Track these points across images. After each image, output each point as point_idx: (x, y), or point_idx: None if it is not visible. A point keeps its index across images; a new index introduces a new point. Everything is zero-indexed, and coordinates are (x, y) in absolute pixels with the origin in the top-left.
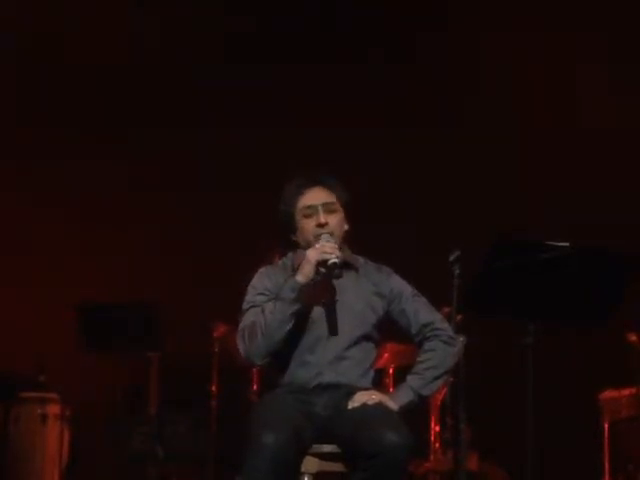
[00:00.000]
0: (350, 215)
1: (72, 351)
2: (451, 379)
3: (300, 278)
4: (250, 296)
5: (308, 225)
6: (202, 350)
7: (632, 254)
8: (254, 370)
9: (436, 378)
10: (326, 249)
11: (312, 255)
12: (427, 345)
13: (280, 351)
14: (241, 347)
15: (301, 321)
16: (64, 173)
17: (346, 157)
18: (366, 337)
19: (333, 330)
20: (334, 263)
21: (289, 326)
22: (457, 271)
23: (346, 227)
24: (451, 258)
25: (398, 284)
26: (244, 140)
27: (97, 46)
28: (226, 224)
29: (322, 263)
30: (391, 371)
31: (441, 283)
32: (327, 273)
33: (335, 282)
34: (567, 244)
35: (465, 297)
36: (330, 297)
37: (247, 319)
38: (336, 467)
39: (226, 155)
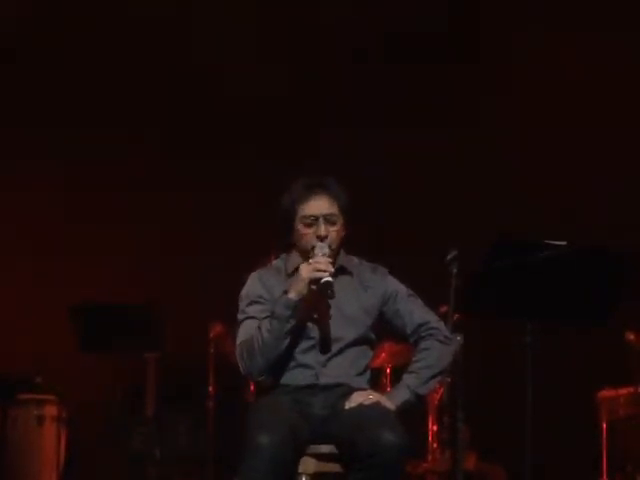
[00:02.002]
0: (349, 218)
1: (71, 351)
2: (449, 379)
3: (293, 295)
4: (244, 306)
5: (307, 235)
6: (201, 350)
7: (631, 254)
8: None
9: (432, 377)
10: (320, 266)
11: (305, 272)
12: (423, 344)
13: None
14: (240, 365)
15: (297, 331)
16: (64, 173)
17: (345, 156)
18: (361, 339)
19: (326, 348)
20: (327, 282)
21: (286, 342)
22: (454, 271)
23: (343, 233)
24: (448, 258)
25: (393, 284)
26: (244, 140)
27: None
28: (225, 224)
29: (315, 281)
30: (388, 371)
31: (439, 283)
32: (320, 291)
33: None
34: (565, 243)
35: (464, 297)
36: (323, 314)
37: (243, 333)
38: (334, 468)
39: (226, 155)
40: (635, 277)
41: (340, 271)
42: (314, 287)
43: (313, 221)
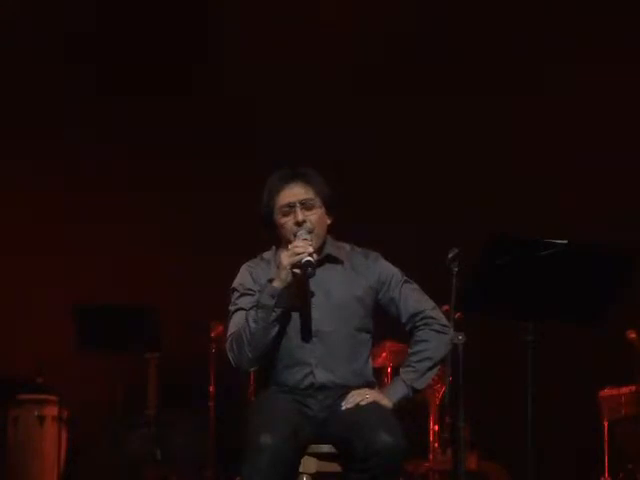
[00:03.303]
0: (334, 208)
1: (71, 352)
2: (450, 378)
3: (277, 284)
4: (234, 298)
5: (287, 224)
6: (201, 350)
7: (631, 252)
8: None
9: (429, 369)
10: (297, 249)
11: (285, 260)
12: (418, 335)
13: (269, 352)
14: (230, 357)
15: (286, 321)
16: (63, 173)
17: (345, 156)
18: (357, 330)
19: (307, 336)
20: (307, 261)
21: (274, 331)
22: (455, 269)
23: (329, 221)
24: (449, 256)
25: (386, 269)
26: (244, 140)
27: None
28: (224, 224)
29: (296, 265)
30: (389, 370)
31: (439, 283)
32: (303, 273)
33: (318, 279)
34: (565, 241)
35: (464, 295)
36: (302, 301)
37: (233, 325)
38: (334, 467)
39: (225, 155)
40: (635, 277)
41: (329, 260)
42: (297, 271)
43: (290, 209)
